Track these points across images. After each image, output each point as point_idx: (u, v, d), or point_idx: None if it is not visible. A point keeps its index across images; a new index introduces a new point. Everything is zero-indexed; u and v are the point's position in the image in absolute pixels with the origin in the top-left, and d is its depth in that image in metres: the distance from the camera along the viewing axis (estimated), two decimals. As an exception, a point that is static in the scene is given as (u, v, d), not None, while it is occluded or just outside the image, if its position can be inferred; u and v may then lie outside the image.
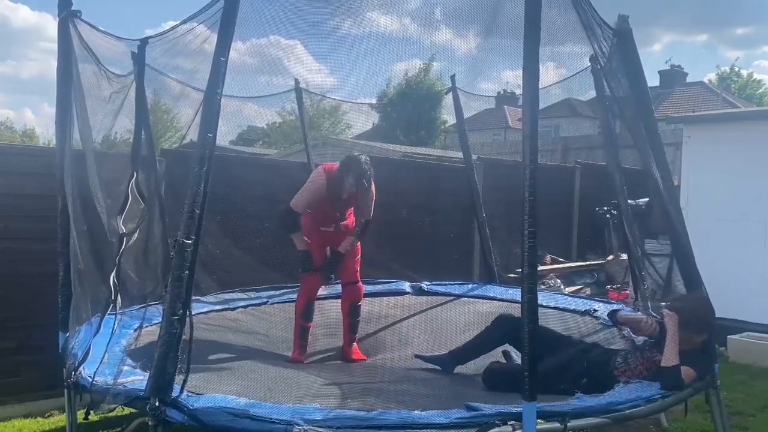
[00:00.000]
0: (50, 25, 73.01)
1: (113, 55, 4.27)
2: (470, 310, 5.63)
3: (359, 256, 5.06)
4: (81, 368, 3.43)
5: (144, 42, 4.17)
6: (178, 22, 3.68)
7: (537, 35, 2.76)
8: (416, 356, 4.34)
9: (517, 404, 2.76)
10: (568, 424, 2.83)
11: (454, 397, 3.45)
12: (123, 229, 3.83)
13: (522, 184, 2.77)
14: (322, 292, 6.09)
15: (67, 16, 3.88)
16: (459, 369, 4.19)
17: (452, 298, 6.08)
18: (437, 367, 4.18)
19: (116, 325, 3.83)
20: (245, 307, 5.45)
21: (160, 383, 2.76)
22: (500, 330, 4.08)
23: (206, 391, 3.10)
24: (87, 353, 3.51)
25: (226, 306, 5.35)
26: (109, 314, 3.80)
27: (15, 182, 5.02)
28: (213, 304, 5.31)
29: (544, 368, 3.18)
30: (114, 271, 3.75)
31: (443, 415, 2.81)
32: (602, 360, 3.74)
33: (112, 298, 3.74)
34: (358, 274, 5.07)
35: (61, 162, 3.95)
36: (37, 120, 76.46)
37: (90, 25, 3.99)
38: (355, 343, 4.89)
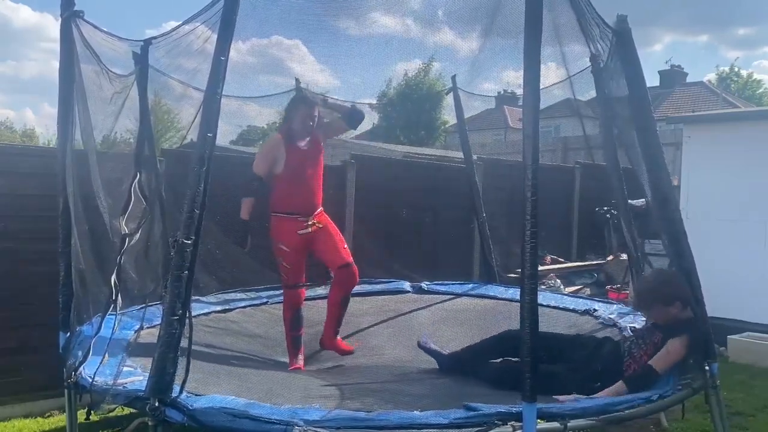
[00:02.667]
0: (51, 25, 73.07)
1: (115, 55, 4.26)
2: (470, 309, 5.63)
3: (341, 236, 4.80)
4: (81, 368, 3.44)
5: (147, 42, 4.15)
6: (181, 22, 3.68)
7: (538, 35, 2.76)
8: (418, 343, 4.34)
9: (517, 404, 2.76)
10: (568, 424, 2.83)
11: (454, 398, 3.45)
12: (126, 229, 3.82)
13: (524, 184, 2.77)
14: (320, 291, 6.08)
15: (70, 16, 3.87)
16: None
17: (452, 296, 6.10)
18: (436, 368, 4.19)
19: (116, 325, 3.83)
20: (244, 307, 5.45)
21: (159, 383, 2.76)
22: (502, 346, 4.00)
23: (205, 392, 3.10)
24: (87, 353, 3.51)
25: (226, 306, 5.35)
26: (109, 314, 3.80)
27: (15, 182, 5.02)
28: (213, 304, 5.30)
29: (556, 374, 3.19)
30: (115, 272, 3.75)
31: (443, 415, 2.81)
32: (613, 360, 3.70)
33: (113, 298, 3.74)
34: (349, 254, 4.72)
35: (62, 162, 3.94)
36: (38, 120, 76.63)
37: (92, 25, 3.98)
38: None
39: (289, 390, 3.65)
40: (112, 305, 3.76)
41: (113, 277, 3.71)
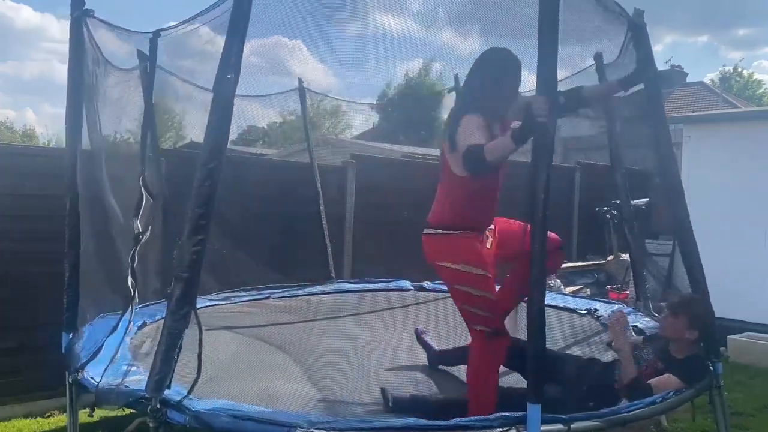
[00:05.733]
0: (53, 25, 72.97)
1: (123, 55, 4.24)
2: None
3: None
4: (83, 369, 3.42)
5: (156, 35, 4.05)
6: (187, 18, 3.63)
7: (555, 37, 2.68)
8: (415, 330, 4.39)
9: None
10: (572, 426, 2.82)
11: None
12: (139, 228, 3.77)
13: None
14: (322, 287, 6.05)
15: (80, 16, 3.84)
16: (460, 370, 4.17)
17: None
18: (440, 370, 4.19)
19: (120, 325, 3.81)
20: (246, 301, 5.47)
21: (161, 384, 2.75)
22: None
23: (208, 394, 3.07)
24: (90, 354, 3.49)
25: (228, 302, 5.36)
26: (113, 314, 3.79)
27: (15, 182, 5.02)
28: (214, 301, 5.31)
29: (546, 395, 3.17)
30: (130, 271, 3.71)
31: (445, 418, 2.80)
32: (605, 382, 3.67)
33: (132, 295, 3.70)
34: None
35: (71, 163, 3.90)
36: (39, 120, 76.56)
37: (103, 21, 3.94)
38: None
39: (290, 392, 3.63)
40: (131, 305, 3.73)
41: (129, 278, 3.67)
